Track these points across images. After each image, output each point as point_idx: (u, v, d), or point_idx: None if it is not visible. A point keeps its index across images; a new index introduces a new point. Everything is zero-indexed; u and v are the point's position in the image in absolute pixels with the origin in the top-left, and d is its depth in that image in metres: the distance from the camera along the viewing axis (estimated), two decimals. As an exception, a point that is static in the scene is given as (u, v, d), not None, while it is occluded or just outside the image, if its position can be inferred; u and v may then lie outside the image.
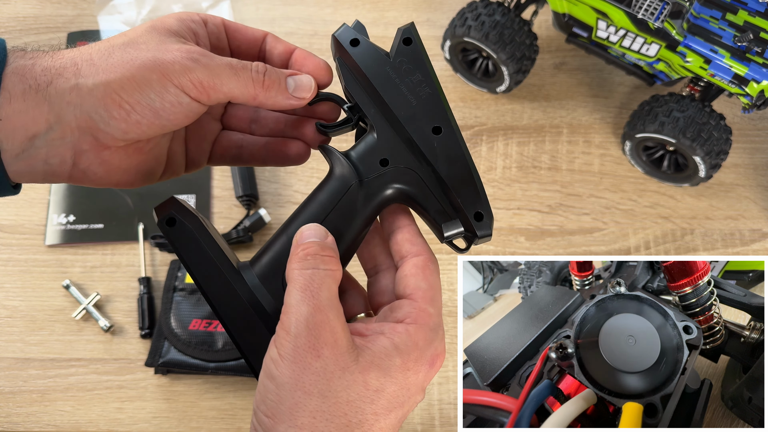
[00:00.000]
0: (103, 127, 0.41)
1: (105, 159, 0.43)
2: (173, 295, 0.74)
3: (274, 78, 0.43)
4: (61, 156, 0.42)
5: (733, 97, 0.83)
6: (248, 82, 0.43)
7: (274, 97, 0.44)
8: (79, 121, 0.40)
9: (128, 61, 0.40)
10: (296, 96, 0.44)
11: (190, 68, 0.41)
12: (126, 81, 0.40)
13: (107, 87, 0.40)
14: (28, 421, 0.71)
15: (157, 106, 0.41)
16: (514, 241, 0.80)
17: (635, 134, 0.78)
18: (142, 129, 0.42)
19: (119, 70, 0.40)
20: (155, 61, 0.40)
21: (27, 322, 0.75)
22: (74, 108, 0.40)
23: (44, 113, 0.40)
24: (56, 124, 0.40)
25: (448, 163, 0.42)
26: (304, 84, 0.45)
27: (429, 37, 0.91)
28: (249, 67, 0.43)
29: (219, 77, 0.42)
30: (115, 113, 0.40)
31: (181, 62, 0.41)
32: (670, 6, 0.72)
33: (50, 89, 0.40)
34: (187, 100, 0.42)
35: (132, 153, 0.44)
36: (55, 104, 0.40)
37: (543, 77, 0.89)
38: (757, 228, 0.81)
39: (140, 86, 0.40)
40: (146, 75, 0.40)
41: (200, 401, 0.72)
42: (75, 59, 0.41)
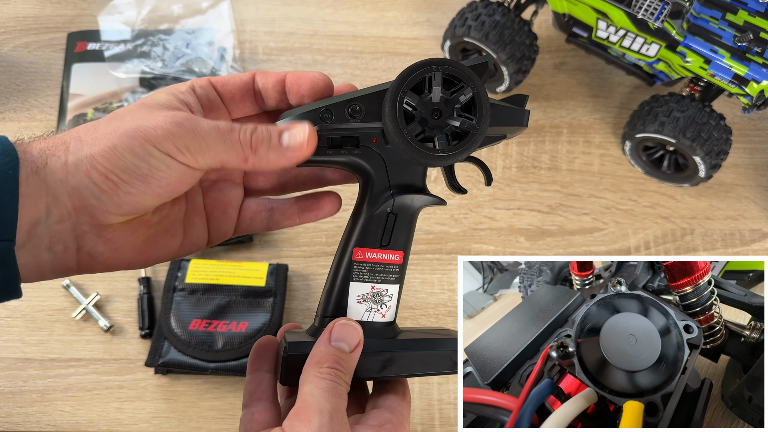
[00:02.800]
0: (95, 203, 0.40)
1: (109, 238, 0.42)
2: (173, 295, 0.74)
3: (263, 137, 0.41)
4: (63, 242, 0.41)
5: (733, 97, 0.83)
6: (236, 146, 0.40)
7: (266, 156, 0.41)
8: (73, 200, 0.39)
9: (111, 133, 0.39)
10: (290, 152, 0.42)
11: (174, 133, 0.39)
12: (108, 151, 0.39)
13: (91, 160, 0.39)
14: (28, 421, 0.70)
15: (145, 173, 0.39)
16: (514, 241, 0.80)
17: (635, 134, 0.78)
18: (135, 200, 0.40)
19: (102, 142, 0.39)
20: (137, 129, 0.39)
21: (27, 322, 0.75)
22: (66, 186, 0.39)
23: (43, 196, 0.39)
24: (54, 206, 0.39)
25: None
26: (296, 136, 0.42)
27: (429, 37, 0.91)
28: (236, 129, 0.41)
29: (205, 142, 0.40)
30: (104, 186, 0.39)
31: (163, 127, 0.39)
32: (670, 6, 0.72)
33: (46, 170, 0.39)
34: (175, 164, 0.40)
35: (137, 227, 0.43)
36: (51, 184, 0.39)
37: (543, 77, 0.89)
38: (757, 228, 0.81)
39: (122, 154, 0.39)
40: (127, 143, 0.39)
41: (200, 401, 0.72)
42: (65, 138, 0.40)
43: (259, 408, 0.44)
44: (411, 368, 0.45)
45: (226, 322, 0.72)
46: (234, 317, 0.72)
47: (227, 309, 0.73)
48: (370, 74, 0.89)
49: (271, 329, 0.72)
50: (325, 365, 0.42)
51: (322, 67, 0.89)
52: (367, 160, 0.45)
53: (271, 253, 0.79)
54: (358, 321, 0.45)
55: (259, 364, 0.46)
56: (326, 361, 0.42)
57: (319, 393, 0.40)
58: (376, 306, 0.46)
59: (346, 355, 0.43)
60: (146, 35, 0.90)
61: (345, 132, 0.44)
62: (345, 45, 0.91)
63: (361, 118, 0.44)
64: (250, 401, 0.44)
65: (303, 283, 0.78)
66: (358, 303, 0.46)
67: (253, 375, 0.46)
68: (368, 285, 0.46)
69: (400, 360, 0.45)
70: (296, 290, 0.77)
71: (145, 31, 0.90)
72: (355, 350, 0.43)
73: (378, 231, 0.46)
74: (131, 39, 0.90)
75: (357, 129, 0.44)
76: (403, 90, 0.42)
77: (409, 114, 0.43)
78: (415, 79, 0.43)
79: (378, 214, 0.45)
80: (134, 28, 0.90)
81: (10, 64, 0.88)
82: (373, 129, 0.44)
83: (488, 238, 0.80)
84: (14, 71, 0.88)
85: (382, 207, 0.45)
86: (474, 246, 0.79)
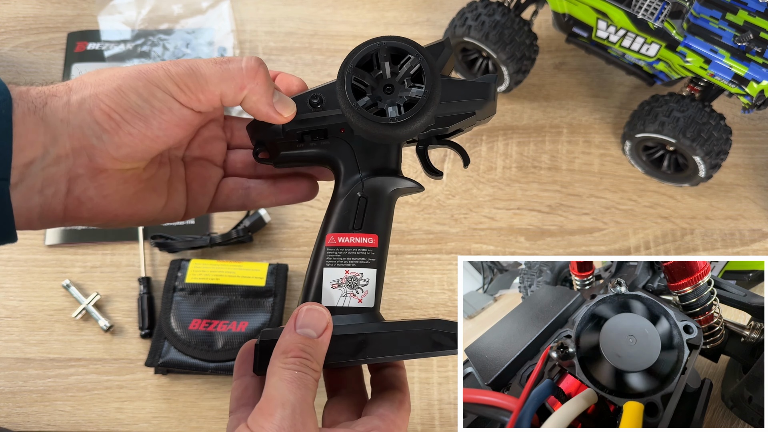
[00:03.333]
0: (96, 143, 0.41)
1: (101, 184, 0.43)
2: (173, 295, 0.74)
3: (264, 72, 0.43)
4: (55, 184, 0.41)
5: (733, 97, 0.83)
6: (237, 73, 0.42)
7: (260, 93, 0.43)
8: (72, 140, 0.40)
9: (115, 75, 0.41)
10: (277, 110, 0.44)
11: (175, 72, 0.41)
12: (113, 91, 0.41)
13: (95, 98, 0.41)
14: (28, 421, 0.70)
15: (147, 113, 0.41)
16: (514, 241, 0.80)
17: (635, 134, 0.78)
18: (134, 141, 0.41)
19: (107, 83, 0.41)
20: (140, 71, 0.41)
21: (27, 322, 0.75)
22: (67, 125, 0.40)
23: (41, 135, 0.40)
24: (52, 146, 0.40)
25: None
26: (288, 102, 0.45)
27: (429, 37, 0.91)
28: (234, 59, 0.43)
29: (204, 78, 0.42)
30: (106, 125, 0.41)
31: (165, 68, 0.41)
32: (670, 6, 0.72)
33: (46, 109, 0.40)
34: (177, 106, 0.42)
35: (129, 179, 0.44)
36: (50, 123, 0.40)
37: (543, 77, 0.89)
38: (757, 228, 0.81)
39: (127, 94, 0.41)
40: (132, 83, 0.41)
41: (200, 401, 0.72)
42: (67, 83, 0.42)
43: (246, 414, 0.42)
44: (387, 350, 0.43)
45: (226, 322, 0.72)
46: (234, 317, 0.72)
47: (227, 309, 0.73)
48: (370, 74, 0.89)
49: (271, 329, 0.72)
50: (290, 354, 0.40)
51: (321, 67, 0.89)
52: (335, 150, 0.46)
53: (271, 253, 0.79)
54: (332, 306, 0.44)
55: (245, 369, 0.45)
56: (291, 351, 0.41)
57: (282, 385, 0.39)
58: (351, 291, 0.45)
59: (313, 341, 0.41)
60: (146, 35, 0.90)
61: (312, 124, 0.46)
62: (345, 45, 0.91)
63: (322, 107, 0.46)
64: (236, 407, 0.43)
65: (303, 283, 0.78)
66: (333, 288, 0.45)
67: (239, 380, 0.45)
68: (342, 269, 0.45)
69: (374, 342, 0.43)
70: (296, 290, 0.77)
71: (145, 31, 0.90)
72: (323, 335, 0.42)
73: (350, 216, 0.46)
74: (131, 39, 0.90)
75: (321, 119, 0.46)
76: (350, 66, 0.44)
77: (361, 90, 0.45)
78: (362, 56, 0.44)
79: (348, 198, 0.46)
80: (134, 28, 0.90)
81: (10, 64, 0.88)
82: (337, 118, 0.46)
83: (488, 238, 0.80)
84: (14, 71, 0.88)
85: (352, 190, 0.46)
86: (474, 246, 0.79)
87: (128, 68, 0.42)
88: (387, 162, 0.46)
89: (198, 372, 0.71)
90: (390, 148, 0.47)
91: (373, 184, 0.46)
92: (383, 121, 0.43)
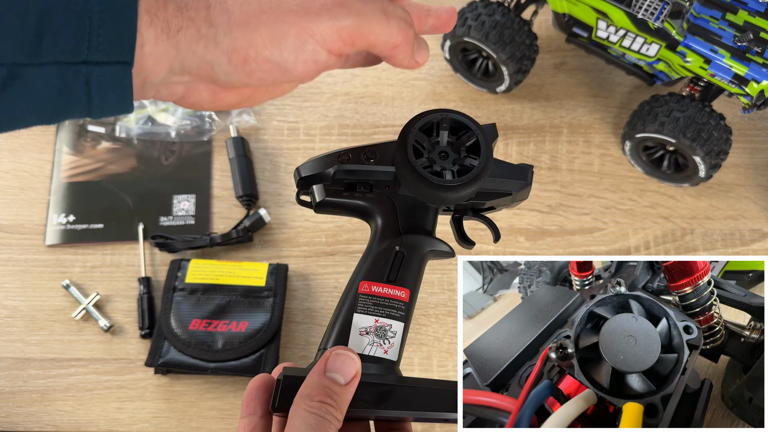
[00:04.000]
0: (223, 78, 0.38)
1: (218, 97, 0.41)
2: (173, 295, 0.74)
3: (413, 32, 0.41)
4: (172, 91, 0.40)
5: (733, 97, 0.83)
6: (396, 31, 0.39)
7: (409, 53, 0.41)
8: (199, 70, 0.38)
9: (265, 11, 0.36)
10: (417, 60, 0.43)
11: (338, 16, 0.37)
12: (259, 37, 0.36)
13: (235, 43, 0.36)
14: (28, 421, 0.71)
15: (289, 66, 0.37)
16: (514, 241, 0.80)
17: (635, 134, 0.78)
18: (264, 82, 0.38)
19: (253, 21, 0.36)
20: (298, 13, 0.36)
21: (27, 322, 0.75)
22: (199, 59, 0.37)
23: (169, 59, 0.37)
24: (178, 68, 0.38)
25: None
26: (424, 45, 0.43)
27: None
28: (398, 15, 0.39)
29: (369, 24, 0.38)
30: (240, 69, 0.37)
31: (332, 17, 0.37)
32: (670, 6, 0.72)
33: (180, 36, 0.36)
34: (324, 58, 0.38)
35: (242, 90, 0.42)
36: (182, 52, 0.37)
37: (543, 77, 0.89)
38: (757, 228, 0.81)
39: (273, 43, 0.36)
40: (284, 29, 0.36)
41: (200, 401, 0.72)
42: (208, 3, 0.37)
43: None
44: (411, 404, 0.43)
45: (226, 322, 0.72)
46: (234, 317, 0.72)
47: (227, 309, 0.73)
48: (370, 74, 0.89)
49: (271, 329, 0.72)
50: (315, 398, 0.39)
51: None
52: (378, 204, 0.48)
53: (271, 253, 0.79)
54: (360, 354, 0.43)
55: (254, 407, 0.43)
56: (317, 394, 0.39)
57: (305, 429, 0.38)
58: (378, 340, 0.45)
59: (340, 387, 0.40)
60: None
61: (360, 176, 0.48)
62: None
63: (375, 161, 0.48)
64: None
65: (303, 282, 0.78)
66: (361, 335, 0.45)
67: (247, 419, 0.43)
68: (372, 318, 0.45)
69: (400, 393, 0.43)
70: (296, 290, 0.77)
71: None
72: (351, 383, 0.40)
73: (386, 267, 0.47)
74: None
75: (372, 172, 0.48)
76: (414, 127, 0.46)
77: (419, 151, 0.47)
78: (425, 122, 0.47)
79: (386, 249, 0.47)
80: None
81: (10, 64, 0.88)
82: (386, 174, 0.48)
83: (488, 238, 0.80)
84: (14, 71, 0.88)
85: (391, 243, 0.47)
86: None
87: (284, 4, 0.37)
88: (425, 223, 0.48)
89: (198, 372, 0.71)
90: (429, 210, 0.49)
91: (411, 241, 0.47)
92: (439, 181, 0.45)
